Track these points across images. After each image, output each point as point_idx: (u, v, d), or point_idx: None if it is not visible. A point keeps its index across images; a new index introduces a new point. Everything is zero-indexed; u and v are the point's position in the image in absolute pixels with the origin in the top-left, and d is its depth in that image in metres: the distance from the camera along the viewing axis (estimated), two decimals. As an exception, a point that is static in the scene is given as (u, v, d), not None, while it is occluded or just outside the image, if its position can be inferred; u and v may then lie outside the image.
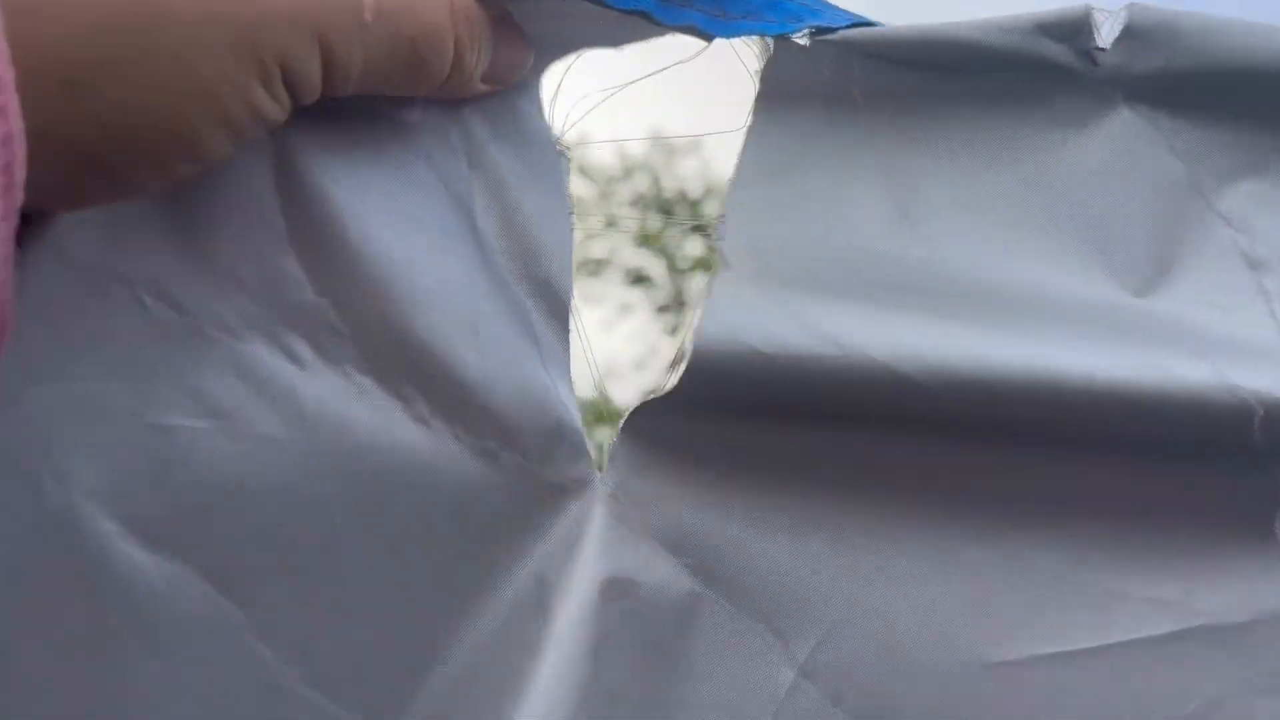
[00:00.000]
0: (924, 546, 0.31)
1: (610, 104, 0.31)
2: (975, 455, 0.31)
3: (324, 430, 0.29)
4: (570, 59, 0.31)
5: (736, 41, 0.30)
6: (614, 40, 0.30)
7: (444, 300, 0.29)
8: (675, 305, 3.96)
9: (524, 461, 0.30)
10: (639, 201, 3.87)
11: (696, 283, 3.96)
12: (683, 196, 3.98)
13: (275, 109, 0.25)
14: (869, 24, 0.30)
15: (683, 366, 0.30)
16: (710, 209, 3.95)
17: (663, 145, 3.80)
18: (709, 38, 0.30)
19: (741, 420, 0.31)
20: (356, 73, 0.26)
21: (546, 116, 0.31)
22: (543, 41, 0.30)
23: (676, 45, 0.30)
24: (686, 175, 4.04)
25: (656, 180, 3.81)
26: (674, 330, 3.95)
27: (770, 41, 0.30)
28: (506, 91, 0.30)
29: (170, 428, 0.28)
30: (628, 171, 3.81)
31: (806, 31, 0.30)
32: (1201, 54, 0.31)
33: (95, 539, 0.28)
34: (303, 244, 0.29)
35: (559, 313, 0.31)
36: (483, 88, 0.30)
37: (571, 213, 0.31)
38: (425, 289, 0.29)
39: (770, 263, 0.30)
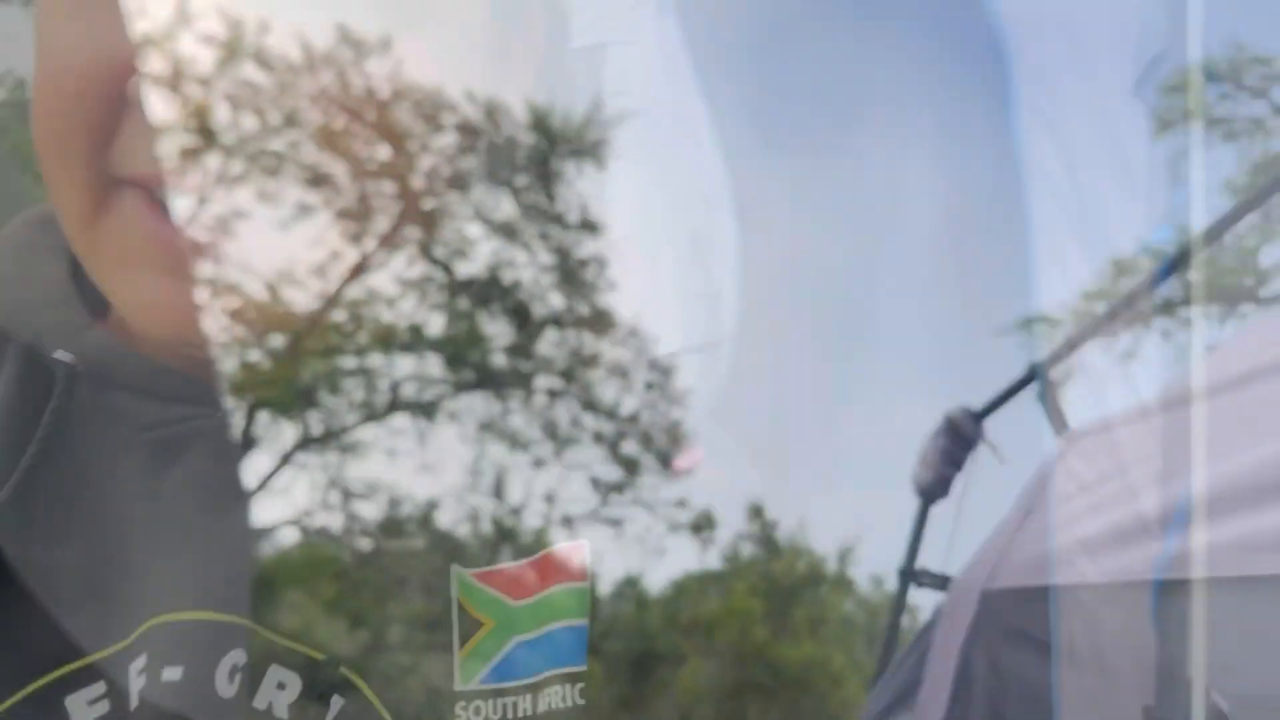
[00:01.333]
0: None
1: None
2: None
3: None
4: None
5: None
6: None
7: None
8: (360, 212, 3.75)
9: None
10: (321, 98, 3.61)
11: (386, 188, 3.78)
12: (370, 96, 3.75)
13: None
14: None
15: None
16: (402, 113, 3.75)
17: (350, 40, 3.52)
18: None
19: None
20: None
21: None
22: None
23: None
24: (375, 74, 3.82)
25: (342, 75, 3.56)
26: (357, 238, 3.75)
27: None
28: None
29: None
30: (310, 64, 3.54)
31: None
32: None
33: None
34: None
35: None
36: None
37: None
38: None
39: None
